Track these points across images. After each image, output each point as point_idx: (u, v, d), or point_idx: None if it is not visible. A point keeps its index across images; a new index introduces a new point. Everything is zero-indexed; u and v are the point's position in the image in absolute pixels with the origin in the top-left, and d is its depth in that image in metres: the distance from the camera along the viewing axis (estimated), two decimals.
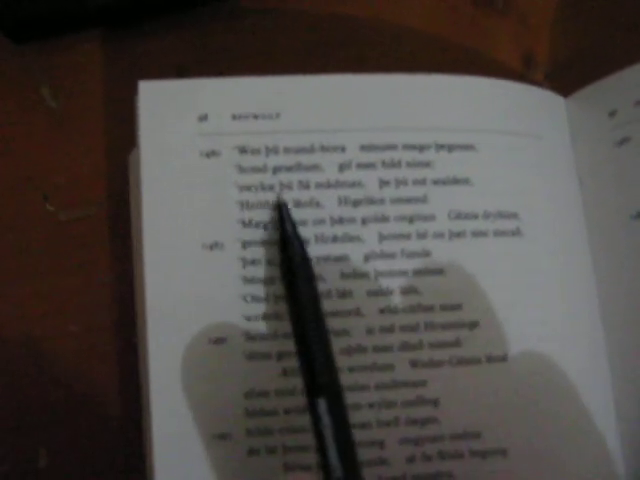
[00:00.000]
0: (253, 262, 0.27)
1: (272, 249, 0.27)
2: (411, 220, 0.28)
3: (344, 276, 0.27)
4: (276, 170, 0.28)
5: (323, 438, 0.23)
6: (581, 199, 0.30)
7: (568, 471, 0.27)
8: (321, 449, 0.23)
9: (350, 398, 0.26)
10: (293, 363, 0.26)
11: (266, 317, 0.27)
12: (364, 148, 0.28)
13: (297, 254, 0.26)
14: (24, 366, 0.29)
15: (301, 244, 0.26)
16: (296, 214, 0.27)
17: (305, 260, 0.26)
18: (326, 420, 0.23)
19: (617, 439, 0.28)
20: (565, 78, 0.33)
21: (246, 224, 0.27)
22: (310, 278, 0.26)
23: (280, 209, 0.27)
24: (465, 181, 0.28)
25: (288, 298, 0.26)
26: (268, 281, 0.27)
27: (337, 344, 0.27)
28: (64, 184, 0.31)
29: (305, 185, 0.28)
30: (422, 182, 0.28)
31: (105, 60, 0.32)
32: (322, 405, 0.24)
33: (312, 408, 0.24)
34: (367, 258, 0.27)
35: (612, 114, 0.30)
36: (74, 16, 0.31)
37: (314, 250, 0.27)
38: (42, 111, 0.31)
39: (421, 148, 0.28)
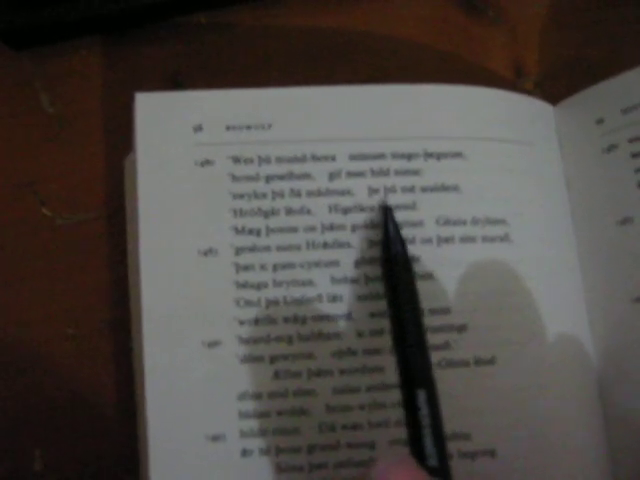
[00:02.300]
0: (246, 268, 0.28)
1: (264, 255, 0.28)
2: (400, 226, 0.28)
3: (335, 281, 0.28)
4: (268, 179, 0.28)
5: (421, 427, 0.24)
6: (569, 205, 0.31)
7: (555, 472, 0.28)
8: (417, 438, 0.24)
9: (341, 400, 0.27)
10: (285, 366, 0.27)
11: (258, 321, 0.27)
12: (353, 157, 0.29)
13: (399, 255, 0.27)
14: (20, 369, 0.29)
15: (403, 246, 0.27)
16: (288, 221, 0.28)
17: (406, 261, 0.27)
18: (425, 410, 0.24)
19: (604, 442, 0.28)
20: (554, 86, 0.33)
21: (239, 231, 0.28)
22: (410, 277, 0.27)
23: (385, 212, 0.28)
24: (454, 188, 0.29)
25: (388, 296, 0.27)
26: (260, 286, 0.28)
27: (328, 347, 0.27)
28: (61, 189, 0.31)
29: (297, 193, 0.28)
30: (411, 190, 0.29)
31: (102, 67, 0.33)
32: (421, 396, 0.24)
33: (411, 399, 0.25)
34: (357, 264, 0.28)
35: (600, 122, 0.30)
36: (72, 23, 0.32)
37: (305, 256, 0.28)
38: (40, 117, 0.32)
39: (410, 157, 0.29)
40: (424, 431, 0.24)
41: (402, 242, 0.27)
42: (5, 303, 0.30)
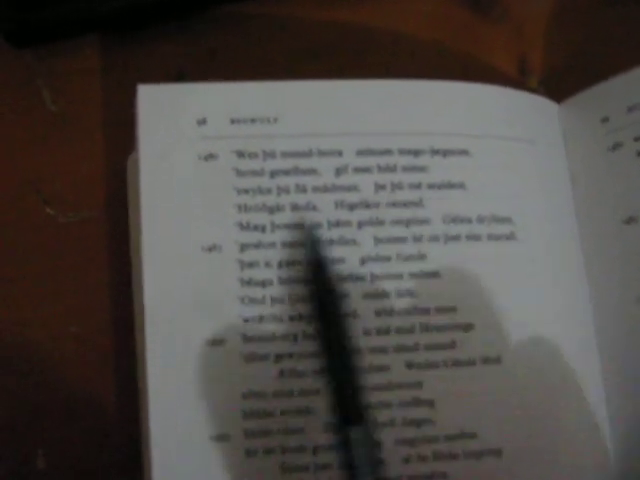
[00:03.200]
0: (250, 265, 0.27)
1: (269, 252, 0.27)
2: (407, 224, 0.28)
3: (340, 278, 0.27)
4: (273, 174, 0.28)
5: (356, 468, 0.24)
6: (574, 204, 0.30)
7: (562, 471, 0.28)
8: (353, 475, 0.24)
9: None
10: (290, 365, 0.27)
11: (263, 319, 0.27)
12: (360, 153, 0.28)
13: (327, 281, 0.26)
14: (23, 367, 0.29)
15: (327, 270, 0.26)
16: (293, 217, 0.27)
17: (333, 283, 0.26)
18: (359, 450, 0.24)
19: (610, 439, 0.28)
20: (559, 85, 0.33)
21: (244, 227, 0.27)
22: (337, 301, 0.26)
23: (310, 233, 0.27)
24: (460, 185, 0.29)
25: (316, 319, 0.26)
26: (265, 283, 0.27)
27: None
28: (64, 187, 0.31)
29: (302, 189, 0.28)
30: (417, 186, 0.28)
31: (105, 65, 0.32)
32: (355, 435, 0.24)
33: (345, 437, 0.24)
34: (363, 261, 0.28)
35: (605, 120, 0.30)
36: (75, 21, 0.31)
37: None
38: (42, 115, 0.31)
39: (416, 153, 0.29)
40: (360, 471, 0.24)
41: (328, 265, 0.26)
42: (8, 302, 0.30)
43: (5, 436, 0.28)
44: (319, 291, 0.26)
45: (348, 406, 0.25)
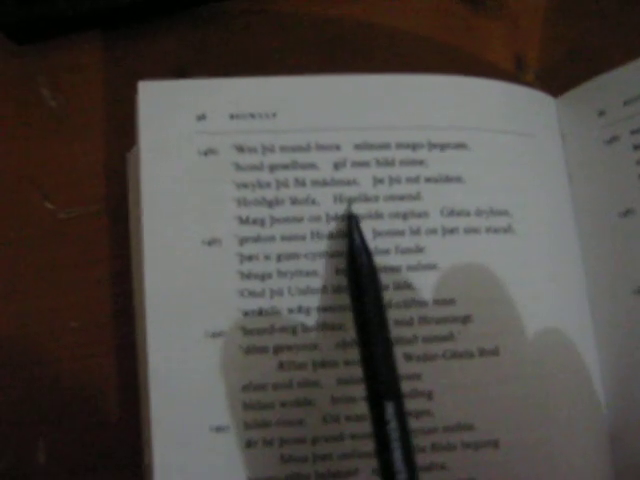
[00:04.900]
0: (250, 258, 0.27)
1: (269, 245, 0.27)
2: (405, 217, 0.28)
3: (339, 272, 0.28)
4: (273, 168, 0.28)
5: (389, 441, 0.24)
6: (571, 197, 0.31)
7: (558, 462, 0.28)
8: (385, 452, 0.24)
9: (346, 391, 0.27)
10: (289, 357, 0.27)
11: (263, 312, 0.27)
12: (358, 147, 0.29)
13: (365, 266, 0.26)
14: (24, 362, 0.29)
15: (369, 256, 0.27)
16: (292, 211, 0.28)
17: (373, 272, 0.26)
18: (393, 424, 0.24)
19: (606, 431, 0.29)
20: (555, 79, 0.33)
21: (243, 221, 0.28)
22: (377, 289, 0.26)
23: (350, 221, 0.27)
24: (457, 179, 0.29)
25: (355, 309, 0.26)
26: (264, 276, 0.27)
27: (333, 338, 0.27)
28: (64, 183, 0.31)
29: (301, 183, 0.28)
30: (415, 180, 0.29)
31: (105, 61, 0.32)
32: (390, 409, 0.24)
33: (378, 412, 0.24)
34: None
35: (601, 114, 0.30)
36: (75, 17, 0.32)
37: (310, 246, 0.28)
38: (42, 111, 0.32)
39: (414, 147, 0.29)
40: (393, 445, 0.24)
41: (368, 252, 0.27)
42: (9, 296, 0.30)
43: (5, 430, 0.29)
44: (358, 273, 0.26)
45: (382, 382, 0.25)
